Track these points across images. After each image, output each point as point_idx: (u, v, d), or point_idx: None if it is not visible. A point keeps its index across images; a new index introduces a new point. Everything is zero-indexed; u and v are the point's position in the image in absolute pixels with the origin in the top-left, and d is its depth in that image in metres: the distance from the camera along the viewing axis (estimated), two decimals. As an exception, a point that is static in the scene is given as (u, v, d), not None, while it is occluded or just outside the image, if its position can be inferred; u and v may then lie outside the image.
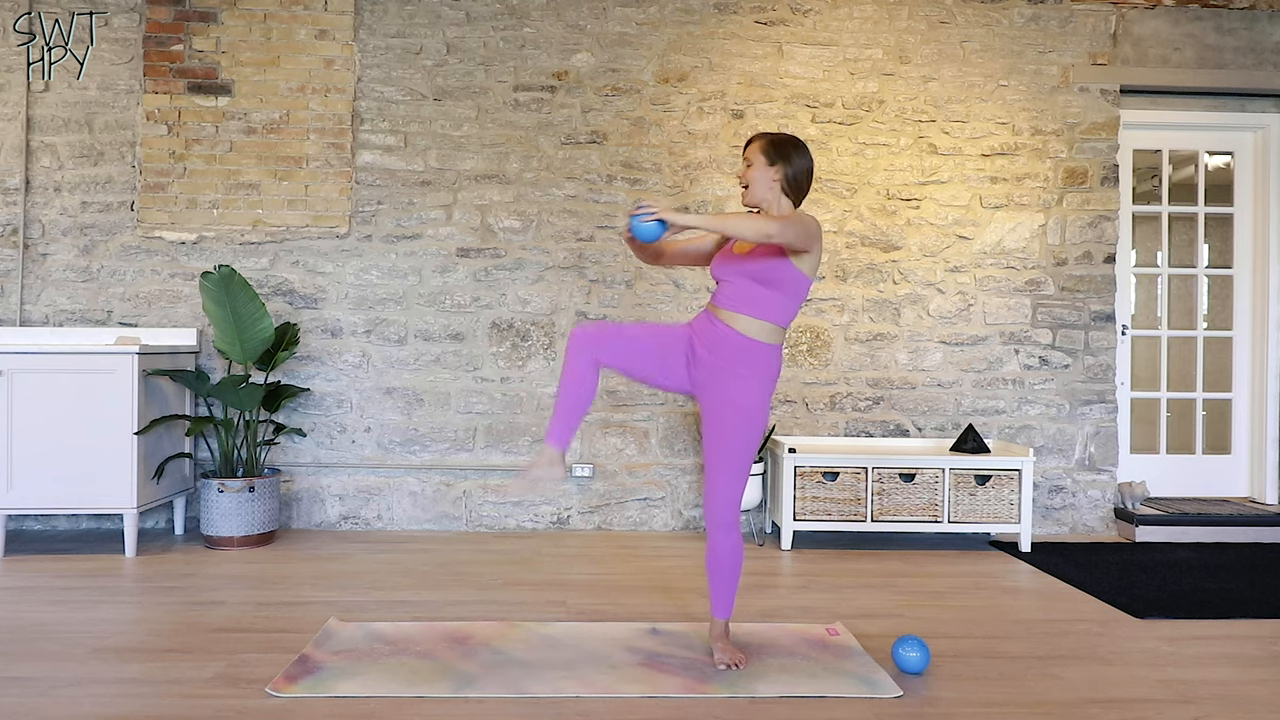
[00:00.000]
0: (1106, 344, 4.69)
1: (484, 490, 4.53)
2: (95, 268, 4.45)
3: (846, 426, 4.63)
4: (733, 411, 2.56)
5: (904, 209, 4.63)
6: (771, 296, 2.56)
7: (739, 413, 2.56)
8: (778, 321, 2.59)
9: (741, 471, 2.59)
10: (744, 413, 2.56)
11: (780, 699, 2.41)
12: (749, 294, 2.56)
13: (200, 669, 2.57)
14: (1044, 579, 3.75)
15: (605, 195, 4.56)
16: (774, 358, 2.60)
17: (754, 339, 2.57)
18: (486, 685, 2.45)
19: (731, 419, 2.56)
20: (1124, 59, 4.70)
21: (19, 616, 3.04)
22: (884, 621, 3.12)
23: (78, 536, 4.28)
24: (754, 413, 2.57)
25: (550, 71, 4.55)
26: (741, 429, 2.56)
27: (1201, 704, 2.43)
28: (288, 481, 4.48)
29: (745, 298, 2.57)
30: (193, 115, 4.45)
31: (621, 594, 3.42)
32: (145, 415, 3.92)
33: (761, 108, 4.59)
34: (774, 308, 2.57)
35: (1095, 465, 4.67)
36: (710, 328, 2.60)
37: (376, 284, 4.52)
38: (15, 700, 2.34)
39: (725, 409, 2.57)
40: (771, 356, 2.60)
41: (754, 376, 2.57)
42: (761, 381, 2.58)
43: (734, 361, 2.56)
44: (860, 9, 4.63)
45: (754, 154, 2.66)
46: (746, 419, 2.56)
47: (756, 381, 2.57)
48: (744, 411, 2.56)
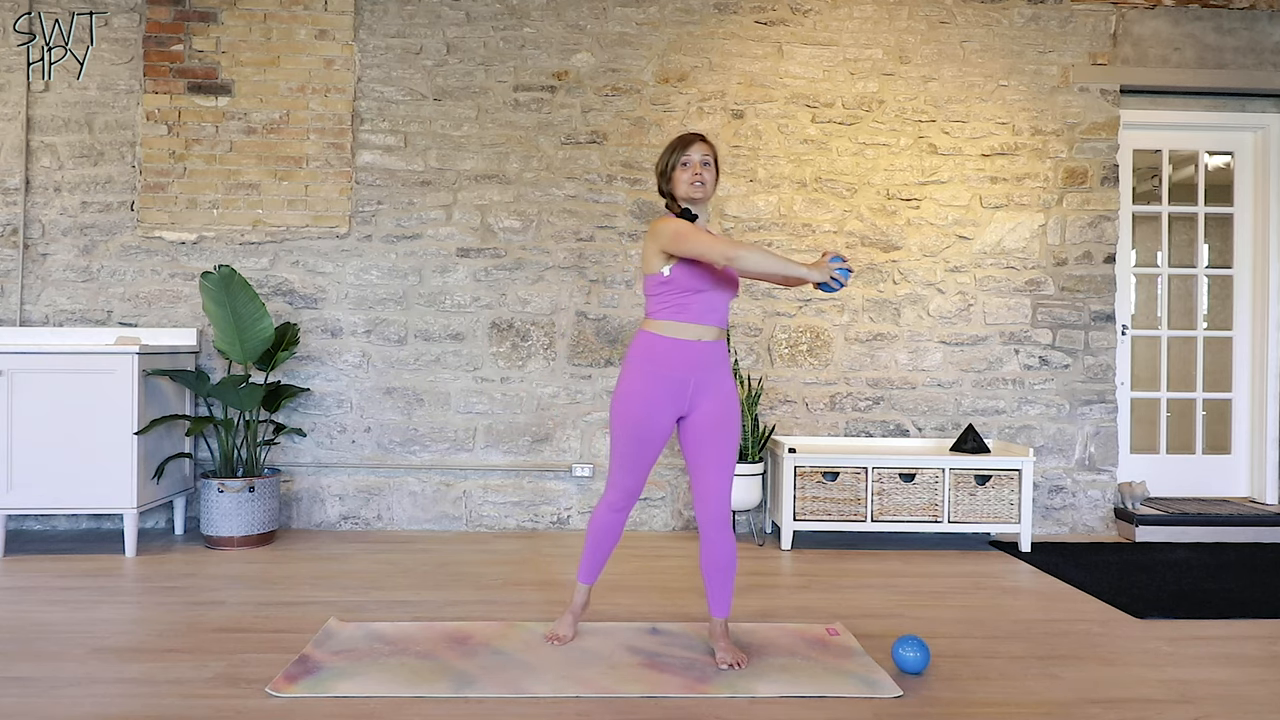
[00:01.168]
0: (1106, 344, 4.69)
1: (484, 490, 4.53)
2: (95, 268, 4.45)
3: (846, 426, 4.63)
4: (728, 409, 2.69)
5: (904, 209, 4.64)
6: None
7: (732, 408, 2.70)
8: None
9: (733, 468, 2.72)
10: (736, 408, 2.71)
11: (780, 699, 2.41)
12: (725, 307, 2.72)
13: (200, 669, 2.57)
14: (1044, 579, 3.75)
15: (605, 195, 4.56)
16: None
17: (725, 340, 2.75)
18: (486, 685, 2.45)
19: (731, 416, 2.69)
20: (1124, 59, 4.70)
21: (19, 616, 3.04)
22: (884, 621, 3.12)
23: (78, 536, 4.28)
24: (739, 408, 2.76)
25: (550, 71, 4.55)
26: (737, 424, 2.71)
27: (1201, 704, 2.43)
28: (288, 481, 4.48)
29: (724, 310, 2.71)
30: (193, 115, 4.45)
31: (621, 594, 3.42)
32: (145, 415, 3.92)
33: (761, 108, 4.59)
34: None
35: (1095, 465, 4.67)
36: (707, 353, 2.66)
37: (376, 284, 4.52)
38: (15, 700, 2.34)
39: (724, 409, 2.68)
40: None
41: (730, 373, 2.74)
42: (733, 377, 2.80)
43: (722, 364, 2.71)
44: (860, 9, 4.63)
45: (712, 155, 2.72)
46: (737, 414, 2.72)
47: (731, 375, 2.75)
48: (736, 407, 2.71)
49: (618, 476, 2.72)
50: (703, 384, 2.65)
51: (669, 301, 2.62)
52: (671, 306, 2.62)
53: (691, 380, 2.64)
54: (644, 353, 2.64)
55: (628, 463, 2.69)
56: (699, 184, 2.64)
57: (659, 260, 2.61)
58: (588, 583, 2.86)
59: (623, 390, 2.66)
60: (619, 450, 2.69)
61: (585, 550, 2.82)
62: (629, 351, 2.70)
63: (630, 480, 2.73)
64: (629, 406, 2.64)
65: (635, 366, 2.65)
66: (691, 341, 2.62)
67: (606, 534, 2.79)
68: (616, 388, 2.69)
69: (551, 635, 2.82)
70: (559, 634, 2.82)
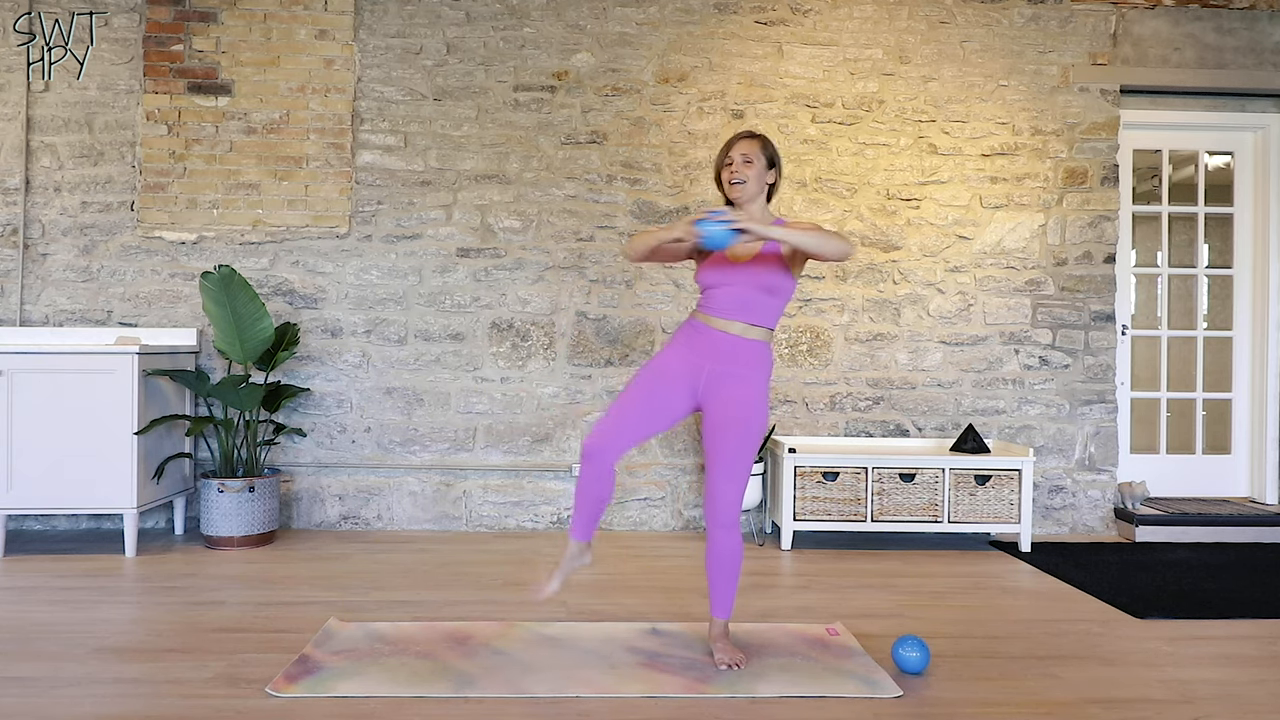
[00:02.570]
0: (1106, 344, 4.69)
1: (484, 490, 4.53)
2: (95, 268, 4.45)
3: (846, 426, 4.64)
4: (743, 408, 2.63)
5: (904, 209, 4.64)
6: (773, 304, 2.67)
7: (749, 409, 2.63)
8: (774, 326, 2.73)
9: (746, 470, 2.65)
10: (754, 409, 2.64)
11: (780, 699, 2.41)
12: (756, 303, 2.64)
13: (200, 669, 2.57)
14: (1044, 579, 3.75)
15: (605, 195, 4.56)
16: (771, 355, 2.75)
17: (761, 342, 2.68)
18: (486, 685, 2.45)
19: (743, 416, 2.62)
20: (1124, 59, 4.70)
21: (19, 616, 3.04)
22: (884, 621, 3.12)
23: (78, 536, 4.28)
24: (762, 410, 2.67)
25: (550, 71, 4.55)
26: (750, 427, 2.63)
27: (1201, 704, 2.43)
28: (288, 481, 4.49)
29: (752, 306, 2.65)
30: (193, 115, 4.45)
31: (621, 594, 3.42)
32: (145, 415, 3.92)
33: (761, 108, 4.59)
34: (774, 314, 2.70)
35: (1095, 465, 4.67)
36: (729, 344, 2.64)
37: (376, 284, 4.52)
38: (15, 700, 2.34)
39: (737, 408, 2.62)
40: (770, 355, 2.74)
41: (759, 377, 2.67)
42: (765, 380, 2.70)
43: (745, 366, 2.65)
44: (860, 9, 4.63)
45: (755, 151, 2.69)
46: (757, 416, 2.65)
47: (762, 380, 2.68)
48: (754, 408, 2.64)
49: (614, 408, 2.65)
50: (718, 377, 2.63)
51: (701, 296, 2.75)
52: (702, 300, 2.74)
53: (706, 367, 2.64)
54: (680, 329, 2.77)
55: (620, 400, 2.67)
56: (737, 181, 2.69)
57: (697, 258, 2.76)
58: (581, 539, 2.74)
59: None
60: (628, 388, 2.71)
61: (575, 501, 2.72)
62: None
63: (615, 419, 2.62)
64: (653, 358, 2.76)
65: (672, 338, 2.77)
66: (713, 329, 2.66)
67: (589, 487, 2.66)
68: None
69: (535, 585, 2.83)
70: (540, 584, 2.77)
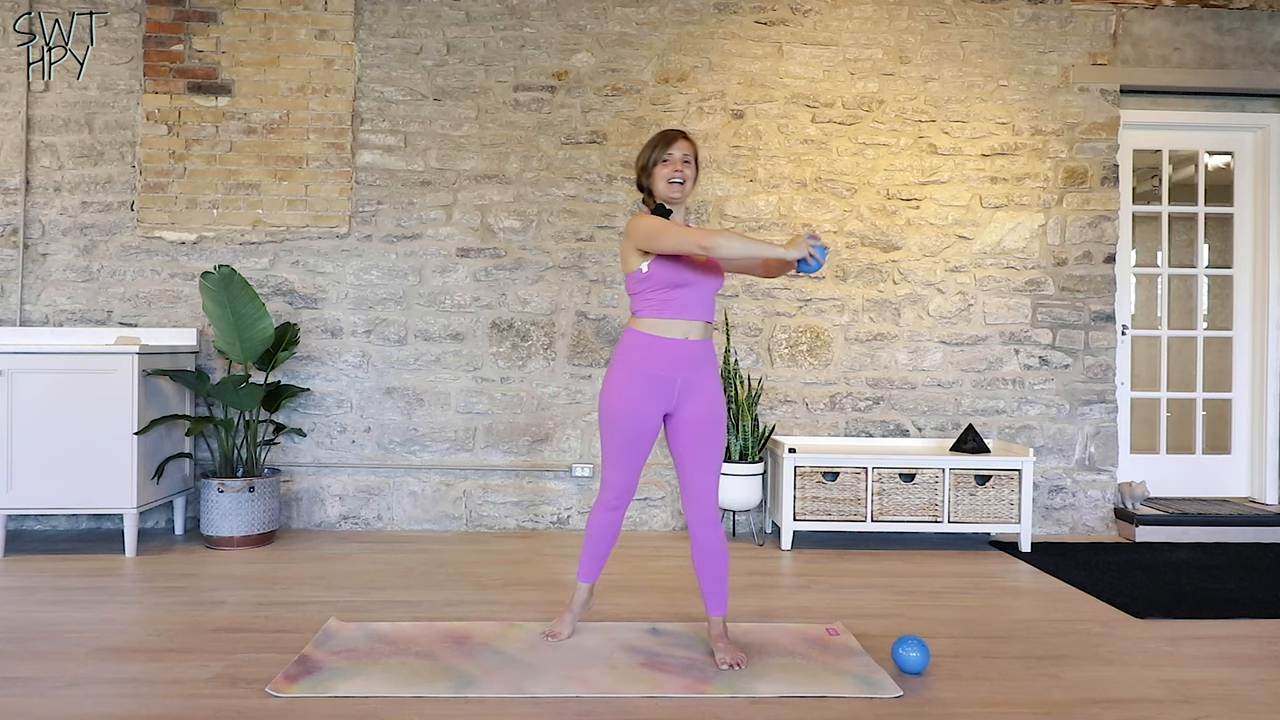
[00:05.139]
0: (1106, 344, 4.69)
1: (484, 490, 4.53)
2: (95, 268, 4.45)
3: (846, 426, 4.63)
4: (717, 404, 2.70)
5: (904, 209, 4.64)
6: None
7: (720, 404, 2.71)
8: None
9: (719, 467, 2.74)
10: (722, 404, 2.72)
11: (780, 699, 2.41)
12: (712, 301, 2.71)
13: (200, 669, 2.57)
14: (1044, 579, 3.75)
15: (605, 195, 4.56)
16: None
17: (712, 339, 2.75)
18: (486, 685, 2.45)
19: (719, 413, 2.70)
20: (1124, 59, 4.70)
21: (19, 616, 3.04)
22: (884, 621, 3.12)
23: (78, 536, 4.28)
24: (725, 408, 2.78)
25: (550, 71, 4.55)
26: (723, 423, 2.72)
27: (1201, 704, 2.43)
28: (288, 481, 4.48)
29: (710, 304, 2.70)
30: (193, 115, 4.45)
31: (621, 594, 3.42)
32: (145, 415, 3.92)
33: (761, 108, 4.59)
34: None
35: (1095, 465, 4.67)
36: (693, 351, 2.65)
37: (376, 284, 4.52)
38: (15, 700, 2.34)
39: (711, 405, 2.69)
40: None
41: (716, 371, 2.75)
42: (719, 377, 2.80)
43: (709, 364, 2.71)
44: (860, 9, 4.63)
45: (692, 153, 2.70)
46: (724, 415, 2.72)
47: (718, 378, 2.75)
48: (722, 403, 2.73)
49: (610, 475, 2.73)
50: (690, 384, 2.65)
51: (651, 298, 2.62)
52: (654, 303, 2.62)
53: (678, 379, 2.64)
54: (629, 350, 2.64)
55: (618, 460, 2.70)
56: (678, 181, 2.63)
57: (636, 258, 2.61)
58: (588, 581, 2.86)
59: (608, 388, 2.66)
60: (609, 448, 2.71)
61: (584, 549, 2.83)
62: (616, 350, 2.71)
63: (622, 477, 2.73)
64: (614, 404, 2.64)
65: (620, 364, 2.65)
66: (677, 340, 2.62)
67: (604, 533, 2.80)
68: (603, 386, 2.69)
69: (549, 632, 2.84)
70: (556, 631, 2.84)
